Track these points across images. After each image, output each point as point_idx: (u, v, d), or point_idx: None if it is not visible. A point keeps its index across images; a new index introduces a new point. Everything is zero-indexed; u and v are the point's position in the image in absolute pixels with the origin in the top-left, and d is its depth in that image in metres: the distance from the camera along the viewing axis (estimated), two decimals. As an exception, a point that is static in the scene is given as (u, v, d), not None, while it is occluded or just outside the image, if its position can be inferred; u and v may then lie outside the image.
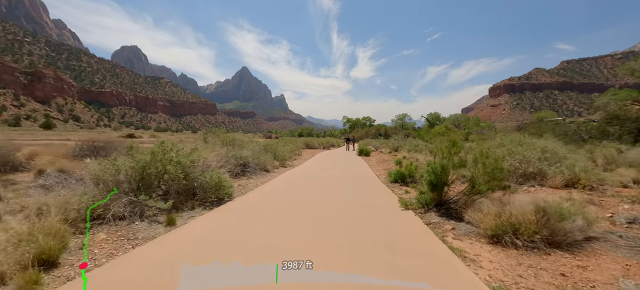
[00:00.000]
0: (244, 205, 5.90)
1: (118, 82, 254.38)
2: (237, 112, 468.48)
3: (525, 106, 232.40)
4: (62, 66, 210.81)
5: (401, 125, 54.31)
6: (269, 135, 75.88)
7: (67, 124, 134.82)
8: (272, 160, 11.57)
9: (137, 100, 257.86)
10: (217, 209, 5.42)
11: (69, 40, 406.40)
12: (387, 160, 16.23)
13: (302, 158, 18.04)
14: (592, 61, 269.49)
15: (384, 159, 17.42)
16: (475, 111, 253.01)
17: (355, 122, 76.69)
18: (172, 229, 4.26)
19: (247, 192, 7.27)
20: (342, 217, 4.99)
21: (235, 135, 10.52)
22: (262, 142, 14.59)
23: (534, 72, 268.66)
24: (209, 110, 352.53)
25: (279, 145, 17.38)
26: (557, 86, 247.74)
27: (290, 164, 14.12)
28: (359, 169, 12.25)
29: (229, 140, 10.61)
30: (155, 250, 3.51)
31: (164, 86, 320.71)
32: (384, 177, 9.73)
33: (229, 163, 8.50)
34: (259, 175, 9.67)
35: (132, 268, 3.03)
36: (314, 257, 3.14)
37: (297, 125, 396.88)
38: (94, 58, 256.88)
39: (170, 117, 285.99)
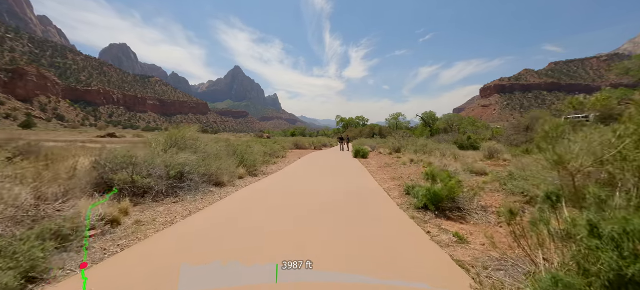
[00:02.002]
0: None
1: (106, 80, 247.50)
2: (230, 111, 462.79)
3: (515, 106, 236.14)
4: (46, 64, 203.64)
5: (395, 124, 53.43)
6: (261, 135, 74.20)
7: (51, 123, 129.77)
8: (234, 168, 8.50)
9: (125, 99, 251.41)
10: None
11: (55, 37, 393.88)
12: (391, 164, 13.19)
13: (285, 161, 14.87)
14: (579, 63, 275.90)
15: (386, 162, 14.28)
16: (467, 111, 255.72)
17: (348, 121, 75.55)
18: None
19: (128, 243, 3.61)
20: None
21: (187, 132, 7.75)
22: (233, 142, 11.78)
23: (524, 73, 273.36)
24: (201, 109, 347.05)
25: (256, 145, 14.69)
26: (545, 87, 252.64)
27: (266, 170, 10.96)
28: (359, 178, 9.04)
29: (176, 140, 7.55)
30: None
31: (154, 85, 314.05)
32: (396, 193, 6.67)
33: (153, 174, 5.58)
34: (201, 193, 6.31)
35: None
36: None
37: (291, 125, 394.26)
38: (81, 56, 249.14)
39: (161, 117, 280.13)
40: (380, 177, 9.51)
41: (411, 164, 12.65)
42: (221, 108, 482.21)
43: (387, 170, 11.11)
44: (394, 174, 9.97)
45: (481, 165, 9.48)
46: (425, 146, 17.03)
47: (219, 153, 8.56)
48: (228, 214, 4.88)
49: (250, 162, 10.11)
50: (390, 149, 19.97)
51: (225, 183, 7.46)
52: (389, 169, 11.68)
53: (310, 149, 29.59)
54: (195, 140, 8.07)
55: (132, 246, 3.48)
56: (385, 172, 10.76)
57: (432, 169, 6.16)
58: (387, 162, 14.01)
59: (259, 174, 9.97)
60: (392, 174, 9.92)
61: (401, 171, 10.53)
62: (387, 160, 15.46)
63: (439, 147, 16.26)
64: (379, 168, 12.09)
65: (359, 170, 11.10)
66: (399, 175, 9.58)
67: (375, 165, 13.31)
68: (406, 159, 13.74)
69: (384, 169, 11.52)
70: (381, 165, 13.17)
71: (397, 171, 10.60)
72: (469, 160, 11.07)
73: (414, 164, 12.36)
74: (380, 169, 11.63)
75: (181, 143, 7.55)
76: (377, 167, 12.32)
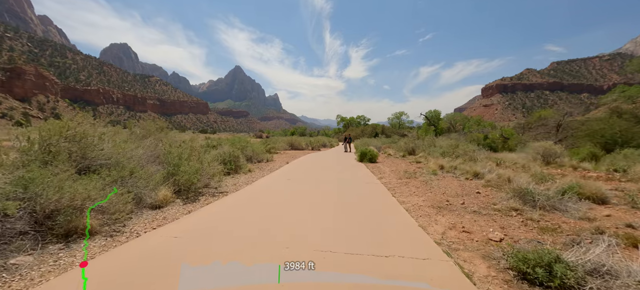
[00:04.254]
0: None
1: (105, 79, 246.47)
2: (230, 111, 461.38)
3: (517, 106, 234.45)
4: (45, 63, 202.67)
5: (398, 124, 52.09)
6: (260, 134, 73.02)
7: (48, 122, 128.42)
8: (152, 186, 5.04)
9: (125, 99, 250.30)
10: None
11: (55, 36, 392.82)
12: (414, 172, 9.76)
13: (265, 168, 11.09)
14: (581, 62, 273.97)
15: (405, 169, 10.69)
16: (468, 111, 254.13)
17: (349, 121, 74.18)
18: None
19: None
20: None
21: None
22: (187, 141, 8.41)
23: (526, 72, 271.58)
24: (201, 109, 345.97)
25: (225, 145, 11.40)
26: (547, 86, 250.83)
27: (220, 186, 7.15)
28: (383, 216, 4.83)
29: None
30: None
31: (154, 84, 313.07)
32: (485, 268, 3.03)
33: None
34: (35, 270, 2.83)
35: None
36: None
37: (291, 125, 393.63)
38: (80, 55, 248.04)
39: (161, 116, 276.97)
40: (409, 197, 6.27)
41: (443, 172, 9.45)
42: (221, 108, 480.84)
43: (415, 186, 7.42)
44: (433, 196, 6.29)
45: (574, 179, 6.46)
46: (455, 147, 13.42)
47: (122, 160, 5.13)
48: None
49: (189, 174, 5.91)
50: (403, 150, 17.00)
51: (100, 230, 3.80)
52: (415, 182, 8.06)
53: (307, 149, 26.41)
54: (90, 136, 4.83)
55: None
56: (414, 189, 7.17)
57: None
58: (407, 170, 10.35)
59: (203, 195, 6.24)
60: (430, 197, 6.22)
61: (441, 189, 7.01)
62: (404, 165, 11.90)
63: (467, 148, 13.26)
64: (399, 180, 8.47)
65: (375, 188, 7.27)
66: (444, 198, 6.11)
67: (391, 174, 9.83)
68: (433, 164, 10.28)
69: (411, 185, 7.73)
70: (399, 174, 9.66)
71: (434, 190, 6.94)
72: (533, 169, 8.33)
73: (449, 173, 9.14)
74: (402, 183, 7.98)
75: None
76: (397, 180, 8.64)
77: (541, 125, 21.95)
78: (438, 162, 10.41)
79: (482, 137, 21.79)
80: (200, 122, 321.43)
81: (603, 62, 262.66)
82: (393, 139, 30.76)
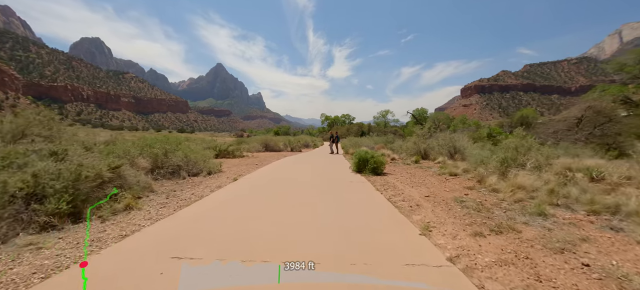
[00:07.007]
0: None
1: (74, 75, 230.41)
2: (212, 110, 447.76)
3: (494, 106, 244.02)
4: (5, 57, 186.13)
5: (384, 122, 51.21)
6: (241, 134, 69.91)
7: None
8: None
9: (96, 96, 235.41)
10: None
11: (18, 29, 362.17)
12: (483, 205, 5.10)
13: (180, 197, 5.70)
14: (551, 65, 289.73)
15: (453, 194, 6.15)
16: (449, 111, 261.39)
17: (334, 119, 72.78)
18: None
19: None
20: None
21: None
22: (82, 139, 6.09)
23: (501, 74, 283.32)
24: (180, 108, 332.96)
25: (156, 145, 8.04)
26: (521, 88, 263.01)
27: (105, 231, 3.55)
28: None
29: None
30: None
31: (129, 81, 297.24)
32: None
33: None
34: None
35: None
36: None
37: (275, 124, 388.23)
38: (45, 49, 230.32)
39: (136, 115, 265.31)
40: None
41: (553, 207, 4.75)
42: (203, 106, 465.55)
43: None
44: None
45: None
46: (524, 149, 7.45)
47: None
48: None
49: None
50: (413, 152, 13.38)
51: None
52: (538, 253, 3.11)
53: (286, 150, 22.51)
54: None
55: None
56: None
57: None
58: (459, 198, 5.64)
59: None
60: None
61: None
62: (438, 183, 7.38)
63: (545, 151, 7.77)
64: (494, 253, 3.17)
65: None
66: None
67: (443, 216, 4.54)
68: (514, 188, 5.62)
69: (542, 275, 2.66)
70: (459, 217, 4.50)
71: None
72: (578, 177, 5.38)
73: (562, 208, 4.71)
74: (504, 260, 2.97)
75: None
76: (476, 244, 3.41)
77: (561, 120, 17.78)
78: (515, 182, 5.76)
79: (483, 134, 19.80)
80: (180, 121, 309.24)
81: (571, 65, 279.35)
82: (388, 137, 28.19)
